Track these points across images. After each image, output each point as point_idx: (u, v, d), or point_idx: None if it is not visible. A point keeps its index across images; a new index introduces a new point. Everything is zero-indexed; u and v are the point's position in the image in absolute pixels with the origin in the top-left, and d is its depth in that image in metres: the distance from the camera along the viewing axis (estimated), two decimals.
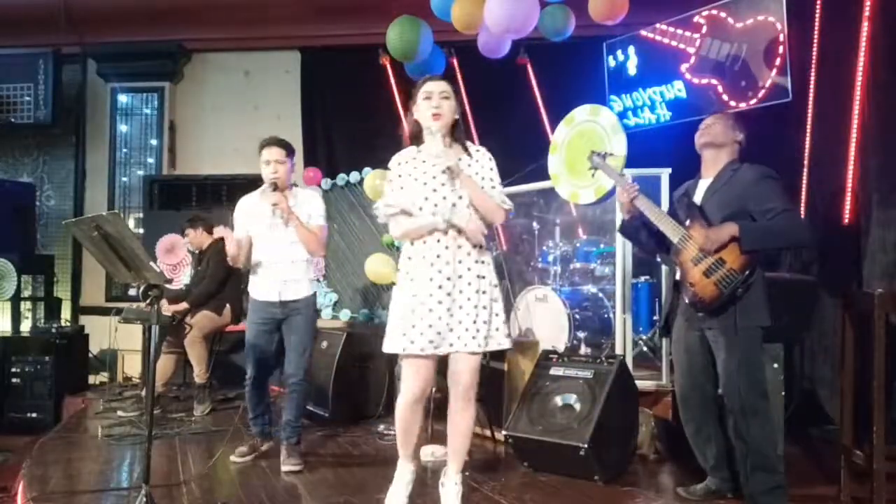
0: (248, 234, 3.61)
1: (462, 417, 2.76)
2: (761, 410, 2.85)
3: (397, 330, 2.67)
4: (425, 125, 2.77)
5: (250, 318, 3.70)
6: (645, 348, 4.86)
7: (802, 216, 3.11)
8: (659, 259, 3.20)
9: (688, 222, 3.00)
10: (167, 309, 4.94)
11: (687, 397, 3.11)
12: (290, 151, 3.65)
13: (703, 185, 3.09)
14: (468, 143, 2.85)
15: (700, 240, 2.91)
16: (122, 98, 7.32)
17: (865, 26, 4.02)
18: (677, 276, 3.05)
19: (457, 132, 2.81)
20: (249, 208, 3.64)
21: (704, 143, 3.10)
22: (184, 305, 5.05)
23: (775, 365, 3.31)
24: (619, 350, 4.11)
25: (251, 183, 6.33)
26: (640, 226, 3.18)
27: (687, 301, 2.99)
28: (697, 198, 3.07)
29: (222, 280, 5.16)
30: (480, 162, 2.80)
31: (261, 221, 3.56)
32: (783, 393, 3.39)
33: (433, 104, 2.75)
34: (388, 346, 2.70)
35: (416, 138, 2.87)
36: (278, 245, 3.58)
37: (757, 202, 2.87)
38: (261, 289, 3.64)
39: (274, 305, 3.59)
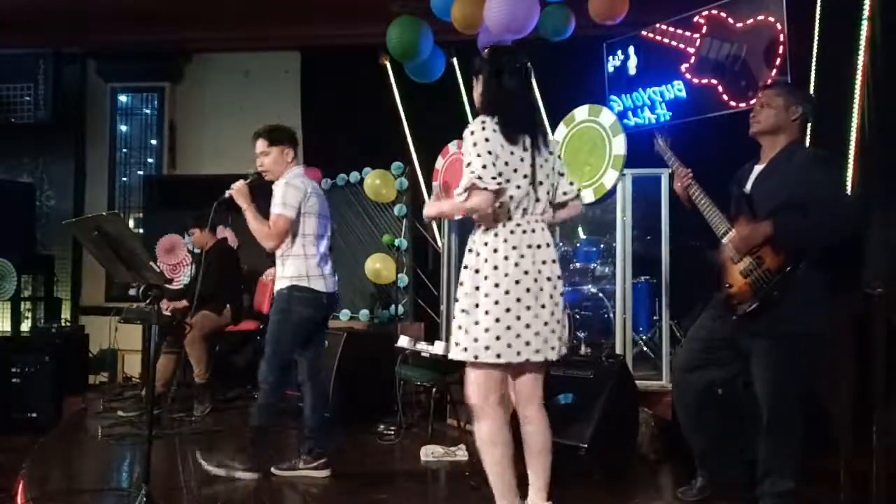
0: None
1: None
2: (786, 418, 2.75)
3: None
4: None
5: None
6: (645, 348, 4.86)
7: (850, 210, 2.90)
8: (706, 253, 3.08)
9: (735, 215, 2.84)
10: (167, 308, 4.94)
11: (682, 385, 3.01)
12: (274, 140, 3.46)
13: (757, 170, 2.90)
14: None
15: (735, 238, 2.78)
16: (122, 98, 7.33)
17: (865, 26, 4.02)
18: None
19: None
20: None
21: (754, 132, 2.90)
22: (184, 304, 5.05)
23: None
24: (619, 350, 4.10)
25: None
26: (694, 213, 3.02)
27: (723, 302, 2.85)
28: (748, 185, 2.89)
29: (226, 281, 5.17)
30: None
31: None
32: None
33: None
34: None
35: None
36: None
37: (806, 192, 2.67)
38: None
39: None
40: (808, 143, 4.48)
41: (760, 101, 2.91)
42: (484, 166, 2.34)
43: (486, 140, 2.38)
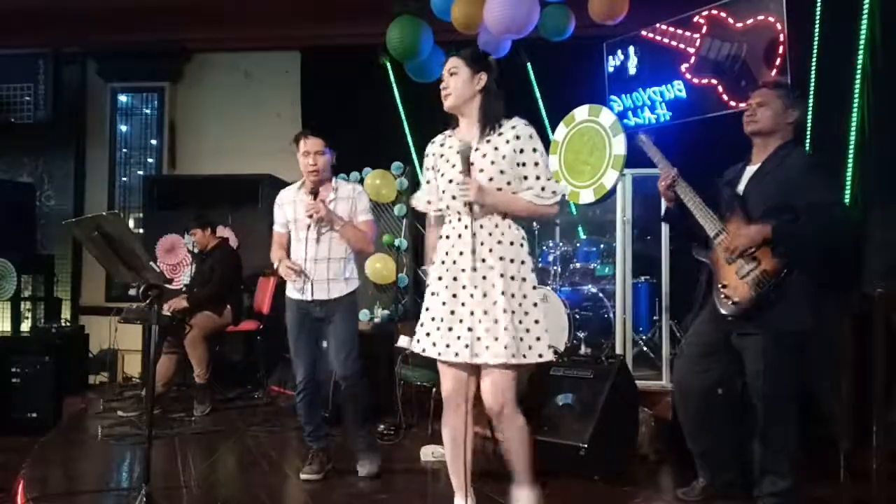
0: (286, 230, 3.47)
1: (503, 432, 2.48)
2: (781, 416, 2.78)
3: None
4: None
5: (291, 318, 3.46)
6: (645, 348, 4.86)
7: (845, 213, 2.91)
8: (694, 253, 3.05)
9: (727, 215, 2.85)
10: (168, 308, 4.93)
11: (686, 388, 3.02)
12: (327, 143, 3.46)
13: (750, 171, 2.91)
14: (505, 121, 2.48)
15: (730, 239, 2.80)
16: (122, 98, 7.33)
17: (865, 25, 4.02)
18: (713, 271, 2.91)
19: (485, 105, 2.48)
20: (289, 202, 3.47)
21: (751, 131, 2.90)
22: (184, 304, 5.05)
23: None
24: (619, 350, 4.11)
25: (251, 183, 6.41)
26: (680, 214, 3.01)
27: (717, 302, 2.86)
28: (741, 186, 2.89)
29: (229, 282, 5.16)
30: (496, 143, 2.44)
31: (299, 218, 3.40)
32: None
33: (442, 85, 2.52)
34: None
35: (455, 122, 2.59)
36: (309, 243, 3.39)
37: (801, 195, 2.69)
38: (297, 287, 3.40)
39: (311, 304, 3.37)
40: (808, 143, 4.51)
41: (758, 100, 2.91)
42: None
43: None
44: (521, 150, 2.41)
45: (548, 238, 5.23)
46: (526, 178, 2.41)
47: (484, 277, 2.36)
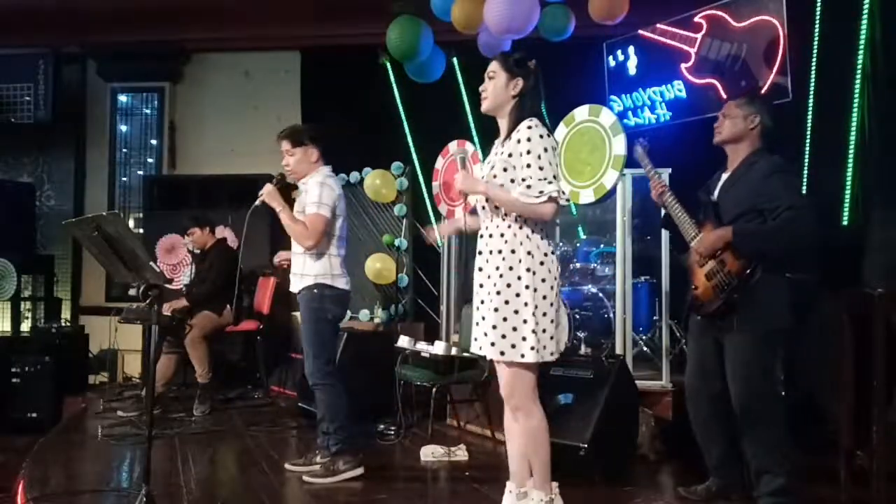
0: None
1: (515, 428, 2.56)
2: (763, 415, 2.81)
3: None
4: None
5: None
6: (645, 348, 4.85)
7: (807, 214, 2.95)
8: (677, 255, 3.18)
9: (703, 221, 2.96)
10: (168, 308, 4.93)
11: (694, 394, 3.08)
12: (297, 141, 3.48)
13: (724, 178, 3.04)
14: (525, 123, 2.46)
15: (698, 243, 2.90)
16: (122, 98, 7.32)
17: (865, 25, 4.03)
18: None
19: (516, 111, 2.52)
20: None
21: (716, 142, 3.05)
22: (184, 303, 5.05)
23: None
24: (619, 350, 4.10)
25: (251, 183, 6.40)
26: (669, 222, 3.15)
27: (690, 303, 2.96)
28: (716, 193, 3.02)
29: (226, 282, 5.16)
30: (509, 148, 2.48)
31: None
32: (783, 393, 3.38)
33: (481, 87, 2.56)
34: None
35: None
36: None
37: (766, 199, 2.80)
38: None
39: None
40: (808, 143, 4.52)
41: (723, 112, 3.04)
42: (556, 178, 2.44)
43: (553, 149, 2.45)
44: (521, 153, 2.44)
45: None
46: (518, 177, 2.45)
47: (482, 272, 2.53)
